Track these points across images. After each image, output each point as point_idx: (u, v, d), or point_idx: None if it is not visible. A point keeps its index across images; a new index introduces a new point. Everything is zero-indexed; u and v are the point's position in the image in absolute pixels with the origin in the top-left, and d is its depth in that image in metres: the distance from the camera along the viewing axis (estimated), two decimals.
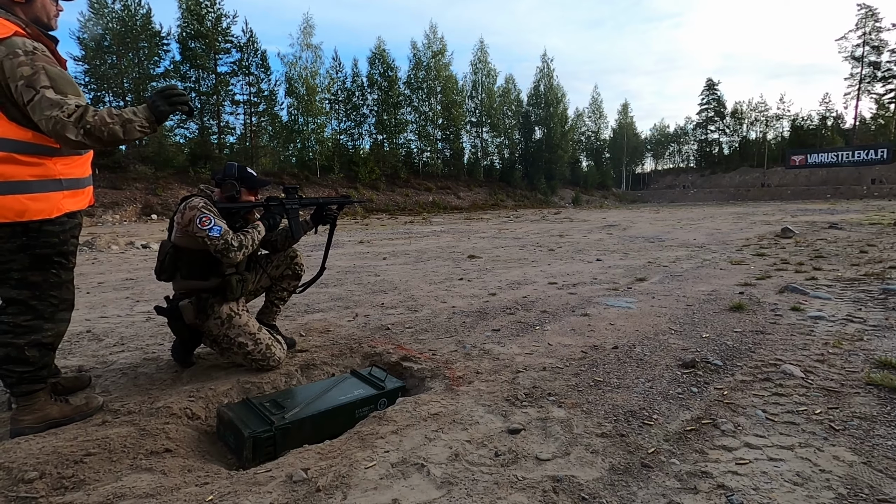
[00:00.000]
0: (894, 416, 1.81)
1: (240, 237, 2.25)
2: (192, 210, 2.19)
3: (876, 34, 51.59)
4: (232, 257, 2.20)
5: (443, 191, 38.88)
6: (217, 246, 2.15)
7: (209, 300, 2.33)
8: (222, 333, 2.34)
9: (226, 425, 1.92)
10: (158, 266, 2.34)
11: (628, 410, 1.89)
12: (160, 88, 1.84)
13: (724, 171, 56.28)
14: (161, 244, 2.39)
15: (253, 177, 2.46)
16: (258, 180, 2.48)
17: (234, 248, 2.19)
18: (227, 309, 2.36)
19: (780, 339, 2.73)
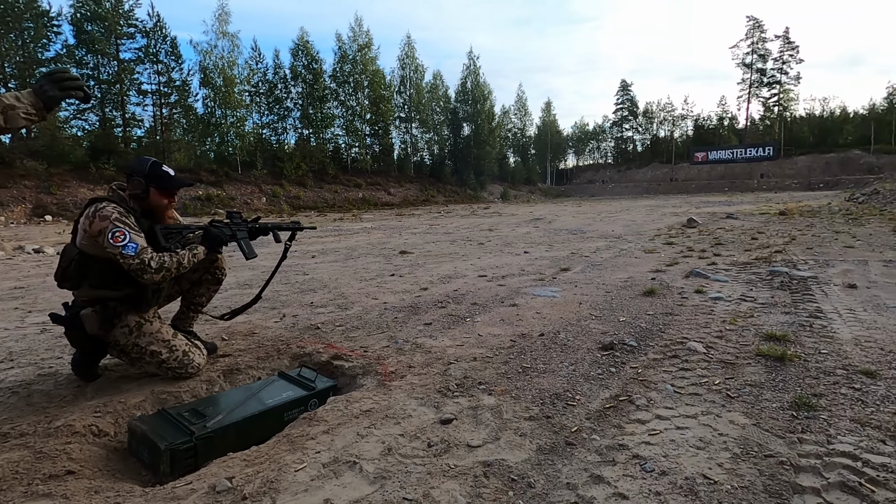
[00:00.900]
0: (778, 381, 2.05)
1: (161, 259, 2.04)
2: (103, 221, 1.96)
3: (762, 43, 57.54)
4: (147, 279, 2.02)
5: (373, 187, 38.37)
6: (131, 265, 1.97)
7: (116, 308, 2.12)
8: (131, 343, 2.15)
9: (139, 440, 1.78)
10: (61, 273, 2.11)
11: (554, 393, 1.98)
12: (49, 71, 1.65)
13: (637, 166, 60.35)
14: (65, 249, 2.14)
15: (167, 176, 2.16)
16: (175, 180, 2.19)
17: (152, 270, 2.00)
18: (135, 317, 2.17)
19: (686, 320, 2.99)
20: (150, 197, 2.15)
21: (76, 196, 23.14)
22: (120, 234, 1.95)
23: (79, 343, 2.17)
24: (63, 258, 2.12)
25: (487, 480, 1.40)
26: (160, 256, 2.05)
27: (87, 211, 2.05)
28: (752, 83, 58.82)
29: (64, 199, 22.49)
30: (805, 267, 4.60)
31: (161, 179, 2.15)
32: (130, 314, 2.16)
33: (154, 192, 2.15)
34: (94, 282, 2.09)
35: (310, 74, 36.21)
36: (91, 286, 2.10)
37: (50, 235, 13.64)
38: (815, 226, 8.82)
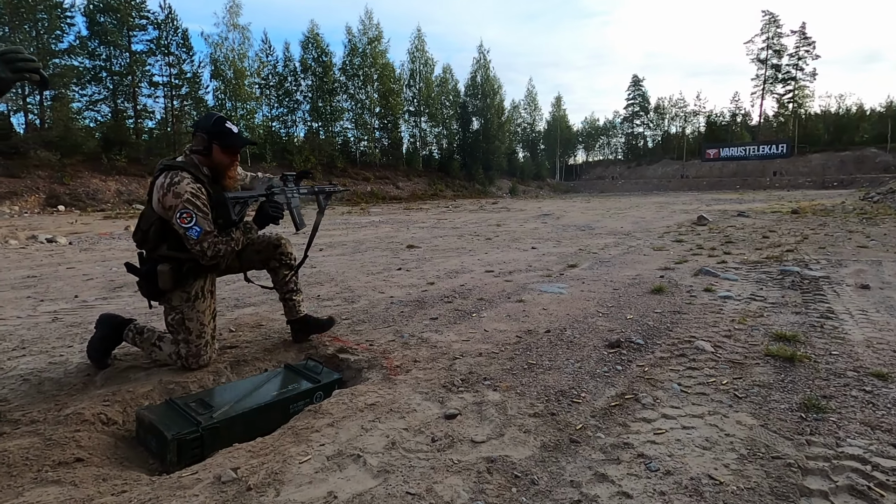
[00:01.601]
0: (787, 382, 2.03)
1: (217, 248, 2.10)
2: (175, 199, 2.01)
3: (777, 39, 56.59)
4: (203, 262, 2.12)
5: (381, 181, 38.39)
6: (192, 248, 2.06)
7: (188, 271, 2.18)
8: (180, 308, 2.21)
9: (146, 428, 1.80)
10: (141, 235, 2.17)
11: (559, 390, 1.98)
12: (0, 51, 1.49)
13: (648, 163, 59.81)
14: (144, 212, 2.18)
15: (230, 132, 2.15)
16: (237, 137, 2.18)
17: (207, 257, 2.08)
18: (199, 284, 2.24)
19: (695, 318, 2.97)
20: (213, 154, 2.16)
21: (88, 186, 23.43)
22: (187, 217, 2.00)
23: (148, 296, 2.23)
24: (142, 221, 2.16)
25: (491, 476, 1.39)
26: (216, 245, 2.09)
27: (161, 178, 2.08)
28: (766, 79, 57.92)
29: (76, 190, 22.76)
30: (817, 266, 4.54)
31: (223, 136, 2.13)
32: (197, 280, 2.23)
33: (216, 149, 2.15)
34: (172, 245, 2.16)
35: (319, 67, 36.23)
36: (170, 248, 2.16)
37: (63, 225, 13.81)
38: (828, 225, 8.69)
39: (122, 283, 4.42)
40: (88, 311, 3.42)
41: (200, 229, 2.03)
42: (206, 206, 2.09)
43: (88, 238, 9.77)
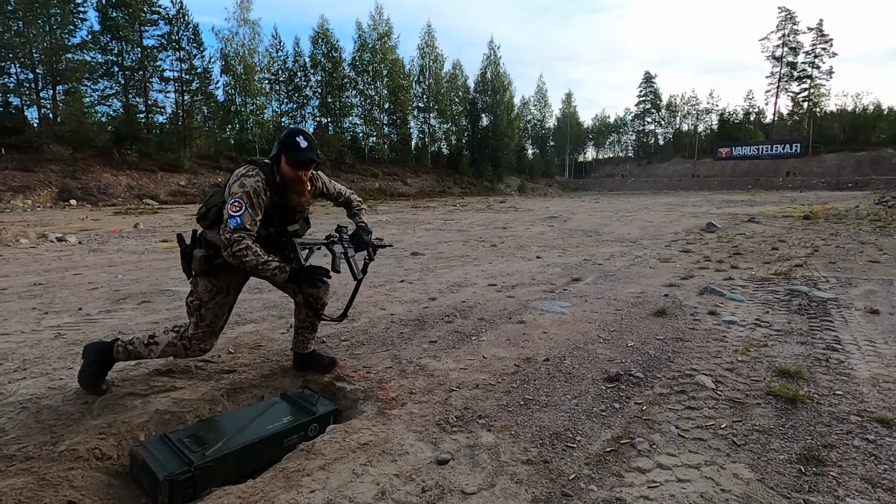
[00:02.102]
0: (788, 427, 1.99)
1: (243, 249, 2.04)
2: (239, 188, 2.06)
3: (793, 36, 55.58)
4: (223, 253, 2.10)
5: (389, 177, 38.40)
6: (223, 236, 2.05)
7: (220, 263, 2.20)
8: (200, 295, 2.24)
9: (139, 466, 1.81)
10: (203, 211, 2.24)
11: (554, 432, 1.95)
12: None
13: (659, 161, 59.21)
14: (215, 192, 2.25)
15: (296, 146, 2.11)
16: (299, 152, 2.11)
17: (229, 252, 2.06)
18: (226, 282, 2.27)
19: (697, 346, 2.92)
20: (282, 165, 2.16)
21: (100, 181, 23.66)
22: (237, 206, 2.03)
23: (184, 272, 2.29)
24: (210, 199, 2.24)
25: None
26: (246, 247, 2.05)
27: (241, 168, 2.17)
28: (781, 77, 56.98)
29: (88, 184, 23.00)
30: (826, 286, 4.46)
31: (289, 148, 2.12)
32: (223, 274, 2.24)
33: (284, 160, 2.14)
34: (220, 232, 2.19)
35: (329, 63, 36.23)
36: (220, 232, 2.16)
37: (73, 221, 13.97)
38: (840, 234, 8.54)
39: (126, 294, 4.45)
40: (91, 325, 3.44)
41: (241, 222, 2.03)
42: (260, 207, 2.10)
43: (98, 237, 9.87)
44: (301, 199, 2.27)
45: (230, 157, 30.26)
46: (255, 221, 2.09)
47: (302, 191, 2.24)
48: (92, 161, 24.27)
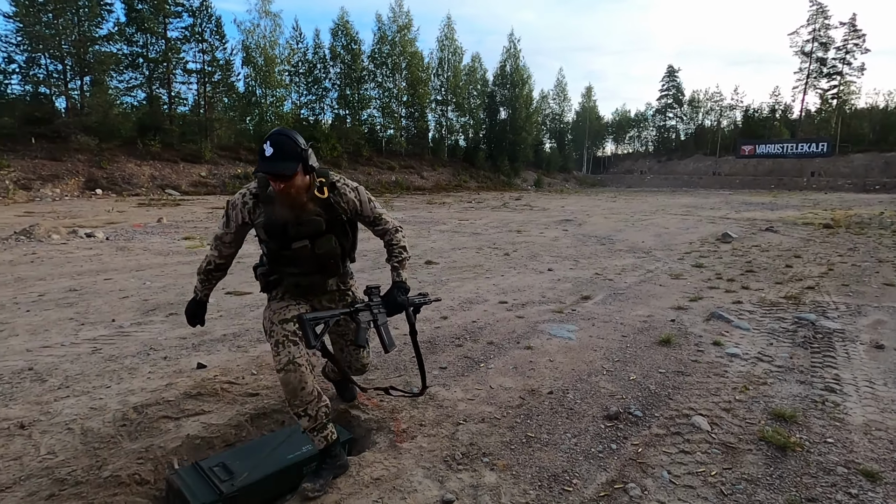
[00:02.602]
0: (776, 477, 2.10)
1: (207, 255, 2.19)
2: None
3: (825, 31, 53.90)
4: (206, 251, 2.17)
5: (406, 170, 38.56)
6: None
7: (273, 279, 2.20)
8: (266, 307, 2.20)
9: (175, 494, 2.01)
10: None
11: (552, 473, 2.10)
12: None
13: (679, 157, 58.28)
14: None
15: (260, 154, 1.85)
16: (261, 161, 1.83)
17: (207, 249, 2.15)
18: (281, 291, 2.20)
19: (697, 382, 3.03)
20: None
21: (124, 171, 24.28)
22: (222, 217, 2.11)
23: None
24: None
25: None
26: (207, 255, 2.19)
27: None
28: (809, 73, 55.40)
29: (113, 174, 23.63)
30: (835, 314, 4.49)
31: (258, 156, 1.84)
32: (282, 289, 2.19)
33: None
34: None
35: (348, 55, 36.38)
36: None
37: (100, 213, 14.44)
38: (858, 249, 8.46)
39: (155, 304, 4.70)
40: (124, 339, 3.68)
41: (218, 230, 2.12)
42: (238, 220, 2.04)
43: (124, 232, 10.23)
44: (293, 215, 1.96)
45: (250, 149, 30.72)
46: (229, 231, 2.07)
47: (291, 204, 1.93)
48: (117, 151, 24.91)
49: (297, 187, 1.88)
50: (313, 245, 2.04)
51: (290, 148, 1.80)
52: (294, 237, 2.00)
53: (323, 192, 1.99)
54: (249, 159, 29.82)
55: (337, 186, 2.06)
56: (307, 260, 2.06)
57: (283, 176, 1.80)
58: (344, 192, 2.07)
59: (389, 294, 2.18)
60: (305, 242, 2.02)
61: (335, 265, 2.15)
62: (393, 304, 2.18)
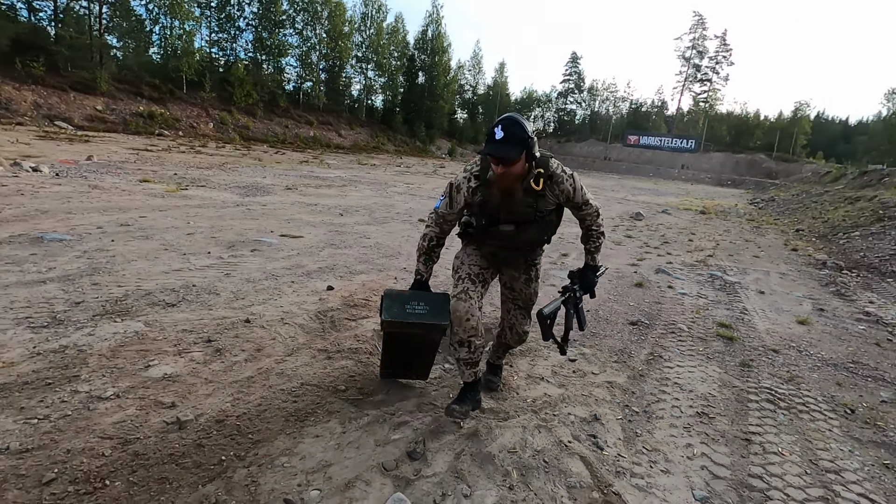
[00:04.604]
0: (730, 351, 3.70)
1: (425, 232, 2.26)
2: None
3: (702, 41, 61.57)
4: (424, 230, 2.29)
5: (324, 126, 37.61)
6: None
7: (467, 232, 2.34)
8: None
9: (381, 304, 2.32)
10: None
11: (618, 350, 3.49)
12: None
13: (576, 140, 63.55)
14: None
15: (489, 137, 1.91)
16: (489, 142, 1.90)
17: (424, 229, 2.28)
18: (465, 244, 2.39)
19: (670, 308, 4.64)
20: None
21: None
22: (442, 194, 2.20)
23: None
24: None
25: (608, 393, 2.86)
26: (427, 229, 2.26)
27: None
28: (687, 77, 63.27)
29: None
30: (732, 273, 6.52)
31: (486, 139, 1.93)
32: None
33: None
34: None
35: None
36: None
37: (4, 144, 12.84)
38: (731, 231, 11.16)
39: (226, 241, 5.23)
40: (235, 267, 4.33)
41: (437, 206, 2.22)
42: (459, 202, 2.13)
43: (69, 169, 9.63)
44: (506, 200, 2.06)
45: (153, 85, 27.89)
46: (452, 212, 2.17)
47: (507, 188, 2.02)
48: None
49: (515, 173, 1.95)
50: (517, 230, 2.13)
51: (518, 135, 1.87)
52: (502, 221, 2.12)
53: (538, 184, 2.02)
54: (153, 97, 27.12)
55: (554, 177, 2.07)
56: (509, 240, 2.18)
57: (506, 160, 1.88)
58: (560, 181, 2.08)
59: (585, 276, 2.32)
60: (511, 227, 2.12)
61: (533, 248, 2.32)
62: (588, 284, 2.32)
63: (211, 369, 2.57)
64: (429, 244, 2.26)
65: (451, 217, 2.20)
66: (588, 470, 2.09)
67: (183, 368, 2.54)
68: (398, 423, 2.28)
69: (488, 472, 2.00)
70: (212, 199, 8.08)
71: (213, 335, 2.94)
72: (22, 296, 3.21)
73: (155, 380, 2.41)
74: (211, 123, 28.83)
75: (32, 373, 2.35)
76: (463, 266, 2.29)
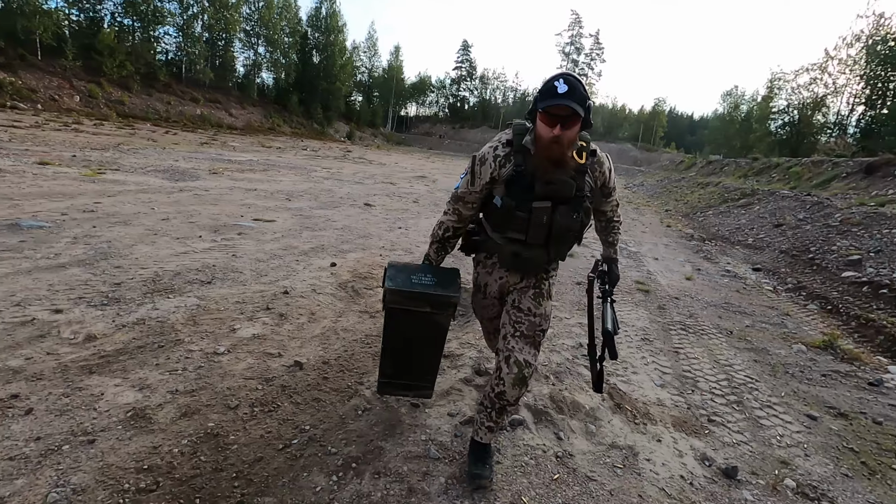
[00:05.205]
0: (648, 299, 4.97)
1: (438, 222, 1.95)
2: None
3: (579, 38, 67.40)
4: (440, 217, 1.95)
5: (212, 105, 35.01)
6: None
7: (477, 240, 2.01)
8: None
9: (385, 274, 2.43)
10: None
11: (576, 302, 4.54)
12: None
13: (470, 127, 66.20)
14: None
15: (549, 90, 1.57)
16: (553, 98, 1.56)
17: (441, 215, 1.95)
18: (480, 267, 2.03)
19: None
20: (537, 122, 1.64)
21: None
22: (464, 171, 1.83)
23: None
24: None
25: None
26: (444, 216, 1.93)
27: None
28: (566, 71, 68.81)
29: None
30: (633, 245, 8.07)
31: (542, 95, 1.59)
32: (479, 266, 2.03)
33: (539, 113, 1.61)
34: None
35: None
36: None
37: None
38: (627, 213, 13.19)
39: (207, 226, 5.35)
40: (235, 249, 4.62)
41: (456, 186, 1.86)
42: (480, 170, 1.75)
43: None
44: (555, 170, 1.68)
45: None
46: (474, 191, 1.79)
47: (556, 157, 1.65)
48: None
49: (570, 138, 1.62)
50: (554, 210, 1.72)
51: (581, 91, 1.57)
52: (538, 195, 1.70)
53: (582, 156, 1.72)
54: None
55: (597, 154, 1.80)
56: (539, 227, 1.74)
57: (572, 115, 1.56)
58: (601, 162, 1.82)
59: (612, 272, 2.06)
60: (548, 204, 1.71)
61: (564, 243, 1.83)
62: (615, 278, 2.06)
63: (286, 329, 3.08)
64: (443, 233, 1.95)
65: (471, 199, 1.82)
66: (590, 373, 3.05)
67: (262, 330, 3.02)
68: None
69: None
70: (146, 183, 7.76)
71: (269, 304, 3.39)
72: (55, 280, 3.32)
73: (247, 339, 2.88)
74: (77, 96, 25.40)
75: (132, 340, 2.69)
76: (483, 322, 2.23)
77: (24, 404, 2.04)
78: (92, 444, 1.86)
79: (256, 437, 2.04)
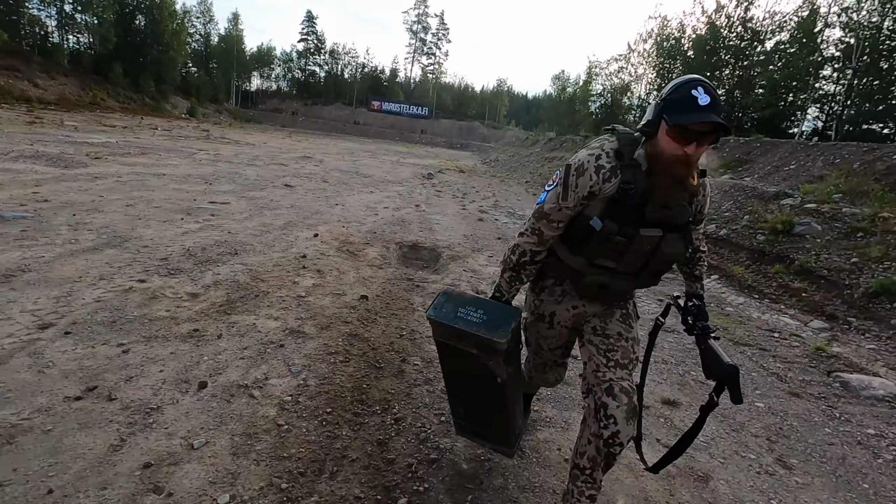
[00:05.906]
0: None
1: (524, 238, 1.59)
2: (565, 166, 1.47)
3: (425, 17, 69.55)
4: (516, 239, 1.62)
5: (9, 72, 29.05)
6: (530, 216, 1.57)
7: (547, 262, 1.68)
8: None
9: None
10: None
11: (502, 251, 6.15)
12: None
13: (323, 103, 64.39)
14: None
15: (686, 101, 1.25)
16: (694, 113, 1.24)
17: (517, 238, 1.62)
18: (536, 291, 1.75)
19: (505, 230, 7.57)
20: (659, 135, 1.33)
21: None
22: (553, 179, 1.51)
23: None
24: None
25: None
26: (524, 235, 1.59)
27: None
28: (416, 49, 70.92)
29: None
30: (517, 210, 10.04)
31: (675, 107, 1.27)
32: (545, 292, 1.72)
33: (663, 126, 1.31)
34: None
35: None
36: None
37: None
38: (491, 185, 15.36)
39: (180, 209, 5.66)
40: (222, 228, 5.19)
41: (542, 199, 1.52)
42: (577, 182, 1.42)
43: None
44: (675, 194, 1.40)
45: None
46: (566, 206, 1.45)
47: (681, 177, 1.36)
48: None
49: (699, 156, 1.33)
50: (663, 239, 1.42)
51: (720, 102, 1.27)
52: (649, 221, 1.40)
53: (694, 178, 1.41)
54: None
55: (706, 175, 1.50)
56: (637, 256, 1.46)
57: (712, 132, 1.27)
58: (705, 186, 1.52)
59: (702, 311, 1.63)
60: (658, 232, 1.41)
61: (659, 274, 1.55)
62: (706, 318, 1.62)
63: (331, 279, 4.08)
64: (518, 259, 1.61)
65: (560, 216, 1.48)
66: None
67: (316, 280, 3.99)
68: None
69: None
70: (37, 171, 7.25)
71: (303, 265, 4.29)
72: (105, 260, 3.78)
73: (310, 287, 3.84)
74: None
75: (228, 294, 3.49)
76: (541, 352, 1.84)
77: (210, 333, 2.86)
78: (283, 347, 2.83)
79: (379, 334, 3.18)
